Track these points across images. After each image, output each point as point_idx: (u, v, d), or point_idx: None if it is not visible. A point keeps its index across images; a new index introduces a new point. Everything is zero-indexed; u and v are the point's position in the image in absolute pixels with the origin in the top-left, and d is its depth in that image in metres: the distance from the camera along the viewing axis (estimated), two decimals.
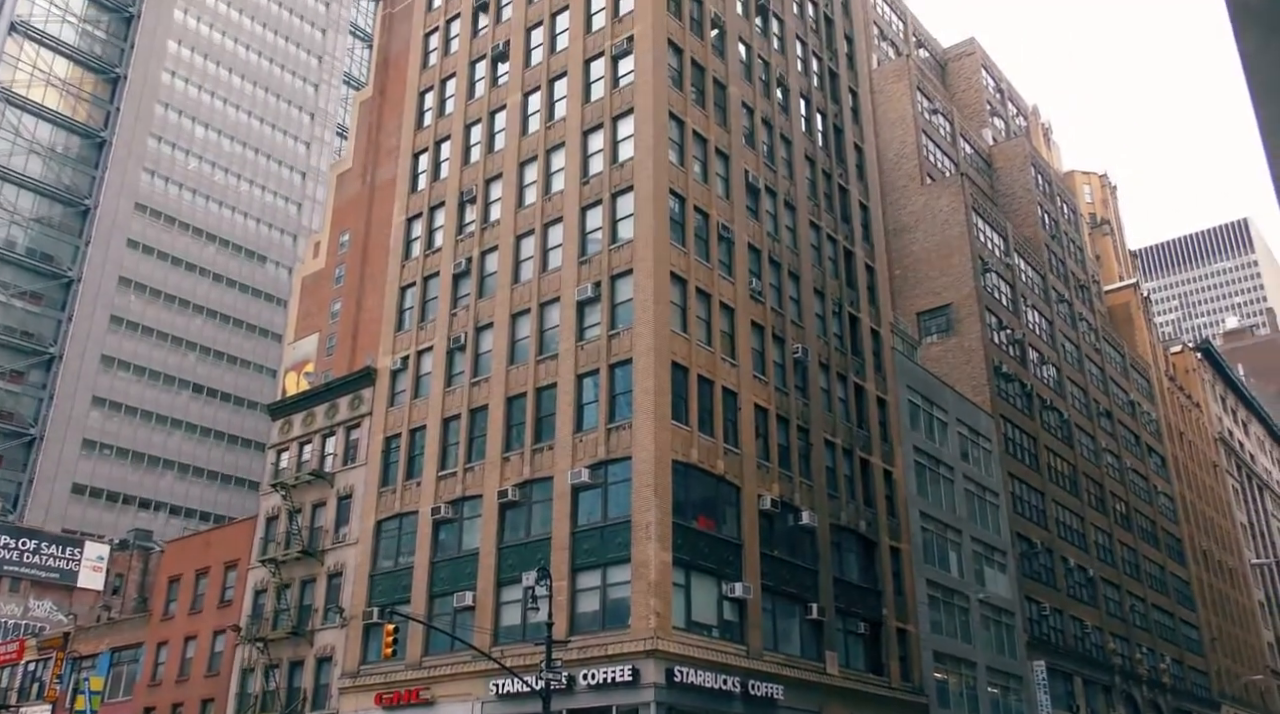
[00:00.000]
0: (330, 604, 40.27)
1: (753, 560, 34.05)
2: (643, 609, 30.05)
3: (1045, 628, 50.81)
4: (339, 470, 42.74)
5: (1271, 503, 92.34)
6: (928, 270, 57.06)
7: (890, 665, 39.23)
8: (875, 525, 41.18)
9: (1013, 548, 50.27)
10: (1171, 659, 63.04)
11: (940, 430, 48.44)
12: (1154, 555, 66.22)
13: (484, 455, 36.68)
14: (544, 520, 33.99)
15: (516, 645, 32.04)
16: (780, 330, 39.47)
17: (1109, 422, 66.82)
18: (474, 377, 38.35)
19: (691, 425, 33.56)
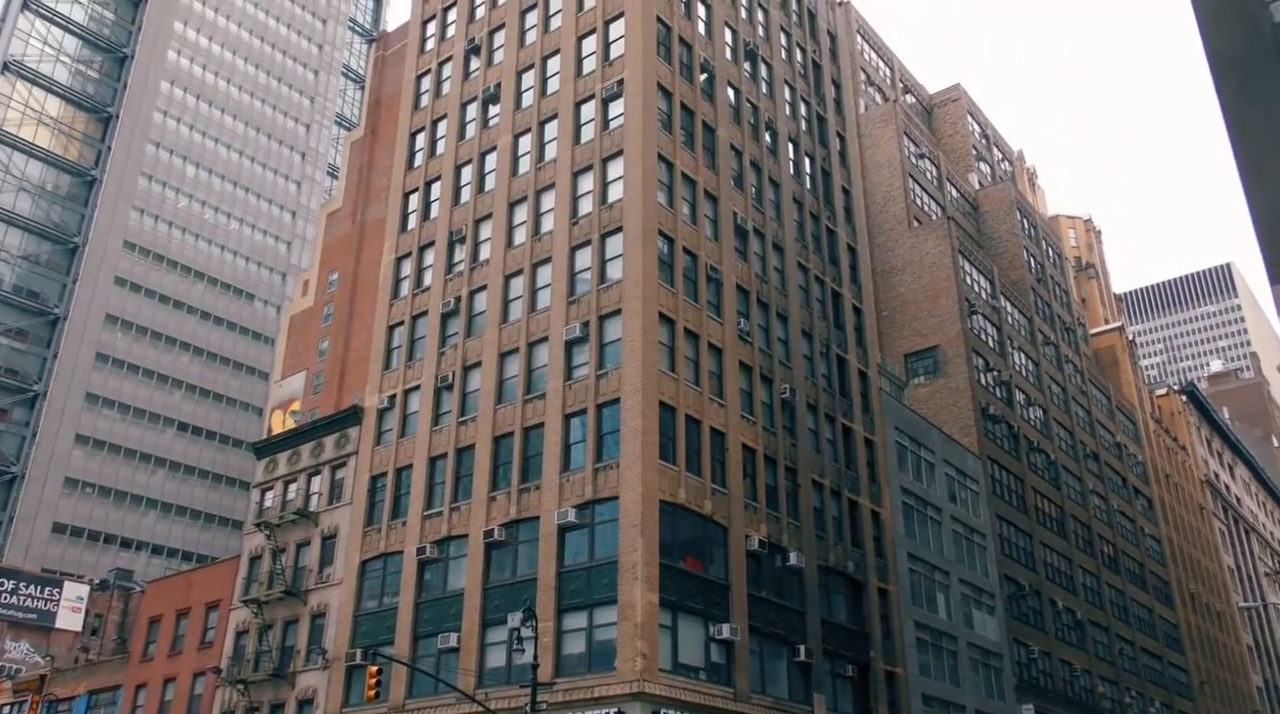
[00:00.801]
0: (313, 645, 39.77)
1: (740, 601, 33.84)
2: (629, 651, 29.79)
3: (1034, 671, 50.49)
4: (324, 510, 42.42)
5: (1258, 546, 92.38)
6: (915, 312, 57.42)
7: (878, 709, 38.88)
8: (863, 567, 41.03)
9: (1001, 590, 50.10)
10: (1161, 703, 62.65)
11: (928, 471, 48.46)
12: (1142, 598, 66.07)
13: (470, 495, 36.49)
14: (530, 561, 33.75)
15: (501, 688, 31.67)
16: (768, 371, 39.58)
17: (1096, 464, 66.97)
18: (461, 416, 38.27)
19: (679, 465, 33.50)
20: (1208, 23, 21.50)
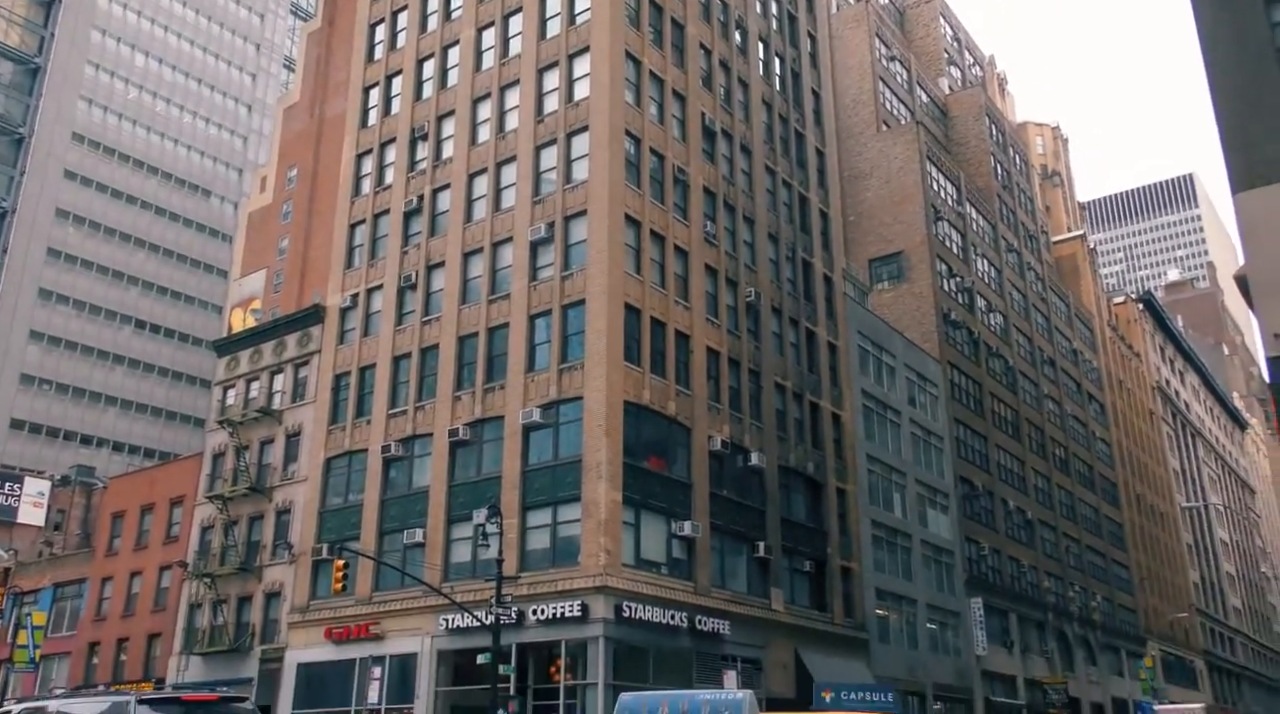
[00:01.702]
0: (279, 540, 40.18)
1: (702, 500, 34.53)
2: (593, 547, 30.41)
3: (984, 567, 52.33)
4: (287, 408, 42.36)
5: (1203, 450, 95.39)
6: (881, 217, 57.42)
7: (834, 602, 40.23)
8: (823, 467, 41.89)
9: (955, 490, 51.50)
10: (1102, 598, 65.37)
11: (889, 375, 49.19)
12: (1090, 499, 68.27)
13: (435, 394, 36.55)
14: (495, 459, 34.08)
15: (467, 581, 32.30)
16: (734, 274, 39.59)
17: (1052, 369, 68.30)
18: (425, 315, 38.04)
19: (643, 367, 33.70)
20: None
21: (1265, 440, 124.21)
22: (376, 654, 34.49)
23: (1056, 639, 57.76)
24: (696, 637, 32.52)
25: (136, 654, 44.69)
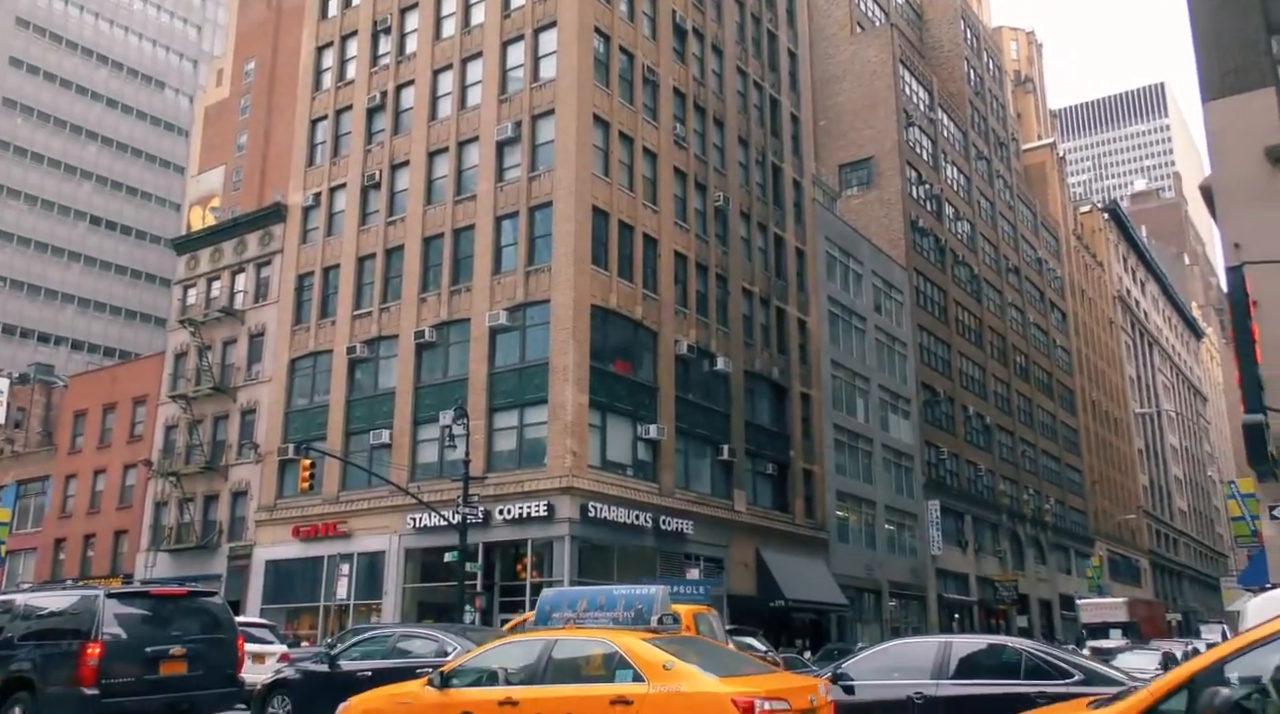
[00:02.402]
0: (244, 440, 40.17)
1: (667, 404, 34.83)
2: (559, 448, 30.70)
3: (942, 471, 53.59)
4: (250, 308, 41.86)
5: (1159, 358, 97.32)
6: (852, 122, 56.79)
7: (795, 504, 41.12)
8: (787, 372, 42.30)
9: (917, 396, 52.33)
10: (1055, 500, 67.38)
11: (855, 282, 49.37)
12: (1047, 405, 69.71)
13: (400, 296, 36.23)
14: (461, 362, 34.04)
15: (433, 481, 32.58)
16: (703, 178, 39.17)
17: (1016, 278, 68.86)
18: (389, 216, 37.42)
19: (611, 270, 33.53)
20: None
21: (1219, 349, 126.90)
22: (344, 552, 34.93)
23: (1009, 539, 59.64)
24: (660, 536, 33.19)
25: (104, 550, 44.95)
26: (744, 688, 8.22)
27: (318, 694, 13.53)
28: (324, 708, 12.79)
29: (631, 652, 8.74)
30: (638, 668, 8.58)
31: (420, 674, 11.80)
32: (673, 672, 8.43)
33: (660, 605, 9.53)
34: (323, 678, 13.78)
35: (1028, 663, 10.21)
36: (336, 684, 13.22)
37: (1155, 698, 5.09)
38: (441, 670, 9.79)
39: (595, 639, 9.21)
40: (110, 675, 11.13)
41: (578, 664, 9.14)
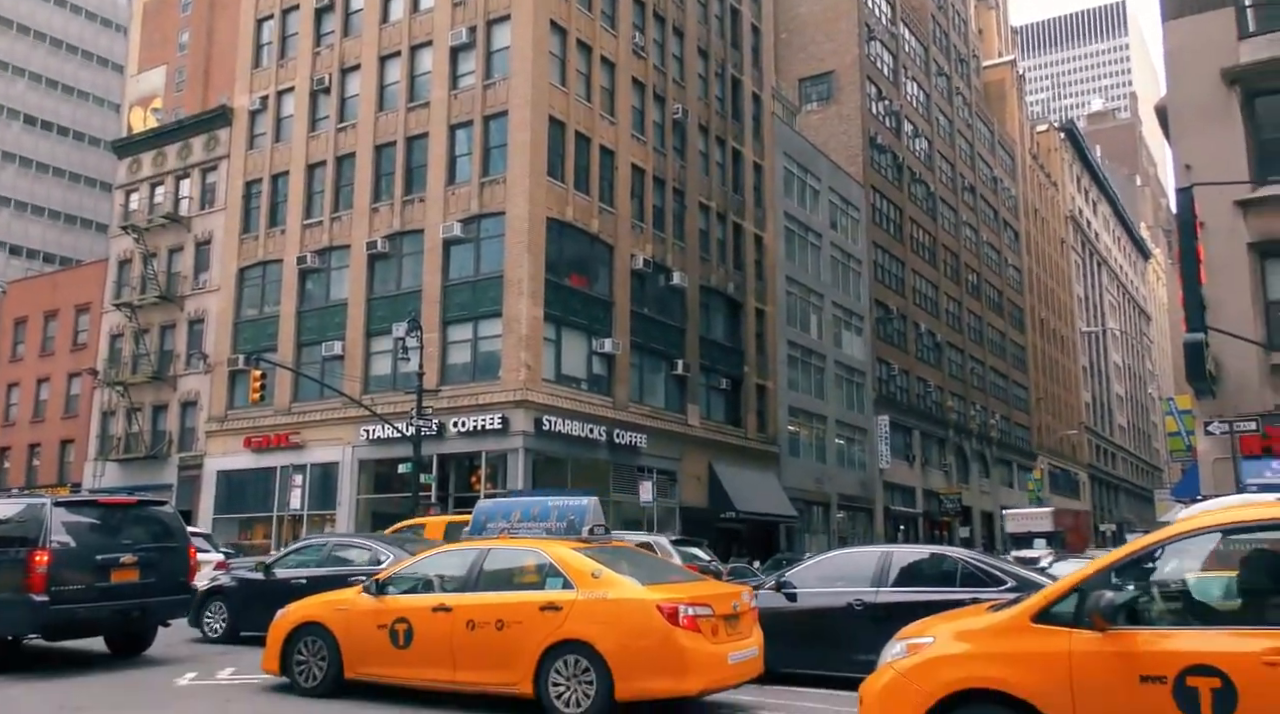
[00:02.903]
0: (193, 350, 39.60)
1: (623, 318, 34.82)
2: (513, 362, 30.67)
3: (892, 387, 54.49)
4: (196, 215, 40.82)
5: (1107, 277, 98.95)
6: (813, 35, 55.96)
7: (748, 418, 41.66)
8: (743, 288, 42.40)
9: (870, 313, 52.84)
10: (1000, 416, 68.98)
11: (812, 198, 49.26)
12: (997, 323, 70.84)
13: (351, 205, 35.52)
14: (415, 273, 33.64)
15: (387, 394, 32.47)
16: (661, 89, 38.51)
17: (972, 196, 69.16)
18: (340, 122, 36.43)
19: (567, 183, 33.09)
20: None
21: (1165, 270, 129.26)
22: (297, 463, 34.86)
23: (955, 454, 61.14)
24: (614, 449, 33.52)
25: (50, 459, 44.43)
26: (669, 594, 8.49)
27: (253, 601, 13.84)
28: (259, 614, 13.07)
29: (561, 560, 8.97)
30: (567, 576, 8.82)
31: (354, 582, 12.07)
32: (601, 579, 8.67)
33: (592, 516, 9.79)
34: (258, 585, 14.04)
35: (963, 571, 10.58)
36: (271, 591, 13.49)
37: (1049, 600, 5.42)
38: (377, 578, 10.00)
39: (527, 549, 9.44)
40: (60, 583, 11.13)
41: (510, 573, 9.38)
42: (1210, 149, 19.25)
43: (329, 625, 9.80)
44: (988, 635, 5.56)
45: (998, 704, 5.34)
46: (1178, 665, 4.96)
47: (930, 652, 5.68)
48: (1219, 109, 19.43)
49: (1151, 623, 5.29)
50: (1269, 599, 5.31)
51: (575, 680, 8.45)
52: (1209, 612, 5.46)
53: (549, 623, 8.62)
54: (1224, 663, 4.88)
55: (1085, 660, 5.17)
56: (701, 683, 8.35)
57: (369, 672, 9.56)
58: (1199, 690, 4.90)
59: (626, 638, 8.33)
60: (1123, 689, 5.06)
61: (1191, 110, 19.90)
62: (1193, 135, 19.78)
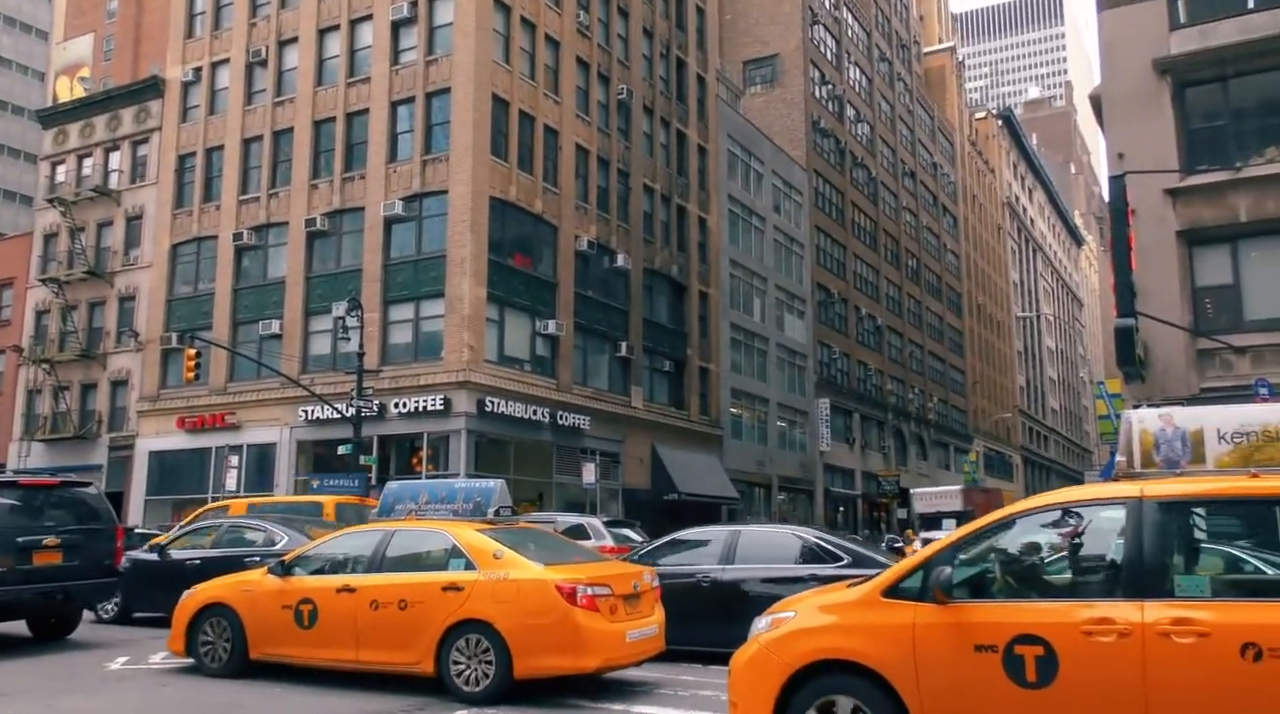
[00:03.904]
0: (124, 328, 38.58)
1: (566, 299, 34.69)
2: (456, 342, 30.39)
3: (833, 370, 55.11)
4: (126, 188, 39.68)
5: (1042, 264, 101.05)
6: (757, 17, 56.04)
7: (691, 400, 41.84)
8: (687, 271, 42.48)
9: (812, 296, 53.32)
10: (938, 399, 70.23)
11: (756, 182, 49.47)
12: (936, 307, 71.98)
13: (290, 181, 34.81)
14: (355, 252, 33.11)
15: (327, 374, 31.97)
16: (606, 69, 38.29)
17: (912, 181, 70.04)
18: (277, 96, 35.62)
19: (510, 162, 32.79)
20: None
21: (1097, 256, 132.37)
22: (233, 443, 34.22)
23: (894, 436, 62.11)
24: (558, 431, 33.44)
25: None
26: (568, 574, 8.67)
27: (146, 582, 14.00)
28: (153, 595, 13.48)
29: (465, 541, 9.12)
30: (470, 556, 8.98)
31: (248, 563, 12.48)
32: (502, 560, 8.84)
33: (498, 498, 9.96)
34: (152, 567, 14.13)
35: (804, 548, 11.20)
36: (165, 573, 13.64)
37: (898, 577, 5.77)
38: (283, 560, 10.13)
39: (432, 530, 9.57)
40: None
41: (415, 554, 9.52)
42: (1142, 138, 19.69)
43: (234, 606, 9.89)
44: (843, 610, 5.89)
45: (850, 673, 5.66)
46: (1007, 635, 5.28)
47: (791, 625, 5.99)
48: (1151, 99, 19.87)
49: (988, 596, 5.62)
50: (1091, 574, 5.67)
51: (475, 659, 8.64)
52: (1039, 586, 5.77)
53: (451, 603, 8.78)
54: (1047, 633, 5.20)
55: (927, 632, 5.48)
56: (599, 660, 8.55)
57: (274, 652, 9.67)
58: (1025, 658, 5.21)
59: (526, 617, 8.52)
60: (959, 658, 5.38)
61: (1124, 99, 20.32)
62: (1125, 124, 20.20)
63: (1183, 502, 5.46)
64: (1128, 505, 5.41)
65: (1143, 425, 5.87)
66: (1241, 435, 5.62)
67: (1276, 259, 18.84)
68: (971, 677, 5.35)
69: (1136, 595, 5.16)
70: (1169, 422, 5.82)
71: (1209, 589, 5.21)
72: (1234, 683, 4.83)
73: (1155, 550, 5.26)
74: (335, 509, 16.70)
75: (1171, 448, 5.74)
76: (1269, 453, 5.53)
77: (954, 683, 5.40)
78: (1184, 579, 5.26)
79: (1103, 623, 5.13)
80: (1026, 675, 5.22)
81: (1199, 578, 5.30)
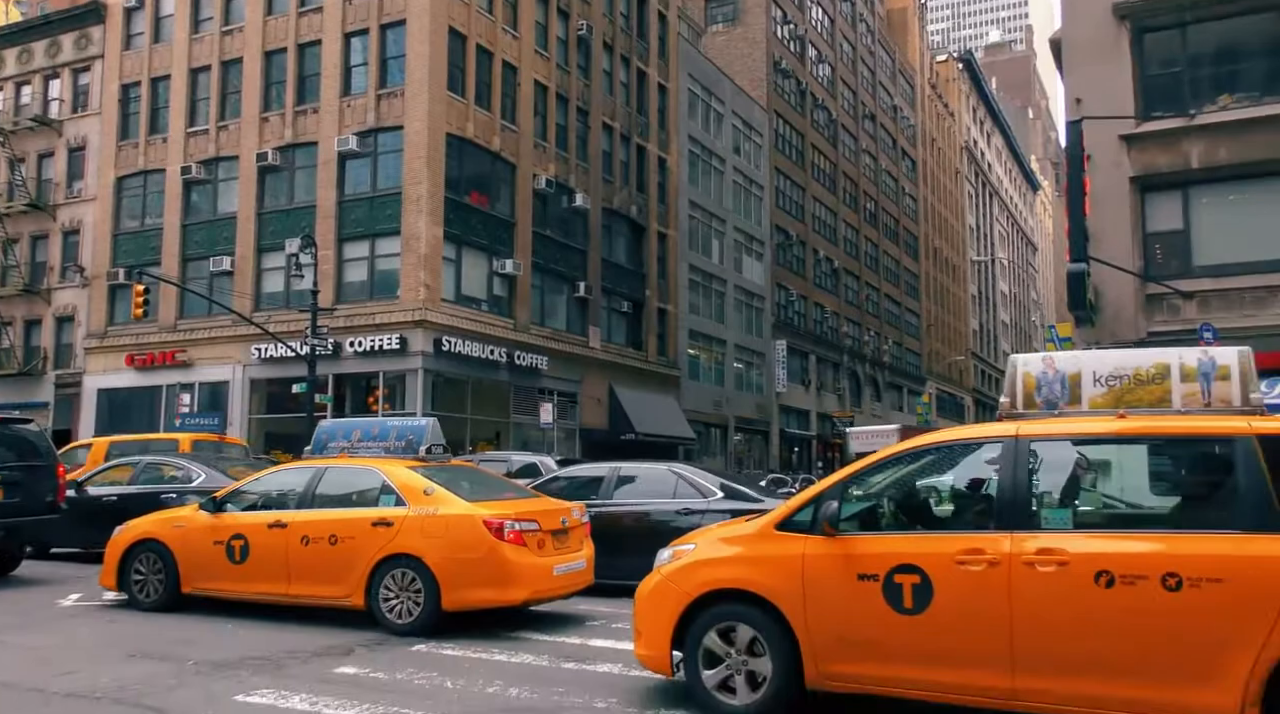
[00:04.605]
0: (68, 262, 37.64)
1: (524, 239, 34.39)
2: (412, 281, 30.07)
3: (790, 312, 55.42)
4: (68, 118, 38.43)
5: (998, 208, 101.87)
6: None
7: (649, 341, 41.91)
8: (646, 211, 42.24)
9: (770, 239, 53.35)
10: (893, 342, 71.03)
11: (716, 122, 49.07)
12: (893, 251, 72.42)
13: (239, 114, 33.91)
14: (308, 187, 32.46)
15: (280, 312, 31.53)
16: (565, 4, 37.54)
17: (872, 124, 69.90)
18: (225, 24, 34.51)
19: (468, 98, 32.19)
20: None
21: (1052, 202, 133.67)
22: (185, 381, 33.75)
23: (849, 378, 62.83)
24: (515, 371, 33.38)
25: None
26: (496, 510, 8.86)
27: (64, 516, 14.04)
28: (70, 530, 13.63)
29: (395, 478, 9.28)
30: (400, 493, 9.13)
31: (165, 500, 13.04)
32: (432, 496, 9.00)
33: (430, 436, 10.10)
34: (70, 502, 14.14)
35: (678, 484, 11.64)
36: (83, 508, 13.75)
37: (791, 510, 6.04)
38: (214, 496, 10.28)
39: (363, 467, 9.69)
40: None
41: (346, 490, 9.63)
42: (1100, 83, 19.76)
43: (166, 542, 10.01)
44: (739, 542, 6.17)
45: (744, 602, 5.96)
46: (887, 565, 5.58)
47: (691, 557, 6.27)
48: (1109, 44, 19.91)
49: (873, 529, 5.97)
50: (967, 509, 6.03)
51: (405, 592, 8.81)
52: (920, 519, 6.12)
53: (380, 538, 8.92)
54: (924, 562, 5.50)
55: (815, 562, 5.78)
56: (526, 593, 8.77)
57: (206, 586, 9.80)
58: (903, 586, 5.51)
59: (454, 551, 8.69)
60: (844, 586, 5.67)
61: (1083, 44, 20.34)
62: (1084, 69, 20.25)
63: (1053, 440, 5.76)
64: (1004, 444, 5.66)
65: (1026, 369, 6.10)
66: (1115, 379, 5.84)
67: (1226, 206, 19.16)
68: (854, 604, 5.64)
69: (1006, 528, 5.42)
70: (1050, 365, 6.04)
71: (1071, 522, 5.53)
72: (1088, 607, 5.12)
73: (1025, 486, 5.52)
74: (191, 446, 17.50)
75: (1051, 390, 5.96)
76: (1138, 395, 5.76)
77: (838, 610, 5.68)
78: (1049, 513, 5.55)
79: (974, 553, 5.40)
80: (904, 602, 5.50)
81: (1063, 511, 5.61)
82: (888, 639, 5.55)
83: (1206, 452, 5.57)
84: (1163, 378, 5.73)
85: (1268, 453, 5.11)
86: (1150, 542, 5.22)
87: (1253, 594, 4.85)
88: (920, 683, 5.51)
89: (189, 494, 13.25)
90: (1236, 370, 5.64)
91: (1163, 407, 5.70)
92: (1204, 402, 5.62)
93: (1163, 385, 5.72)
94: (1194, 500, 5.71)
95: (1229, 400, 5.60)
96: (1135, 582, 5.06)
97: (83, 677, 7.10)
